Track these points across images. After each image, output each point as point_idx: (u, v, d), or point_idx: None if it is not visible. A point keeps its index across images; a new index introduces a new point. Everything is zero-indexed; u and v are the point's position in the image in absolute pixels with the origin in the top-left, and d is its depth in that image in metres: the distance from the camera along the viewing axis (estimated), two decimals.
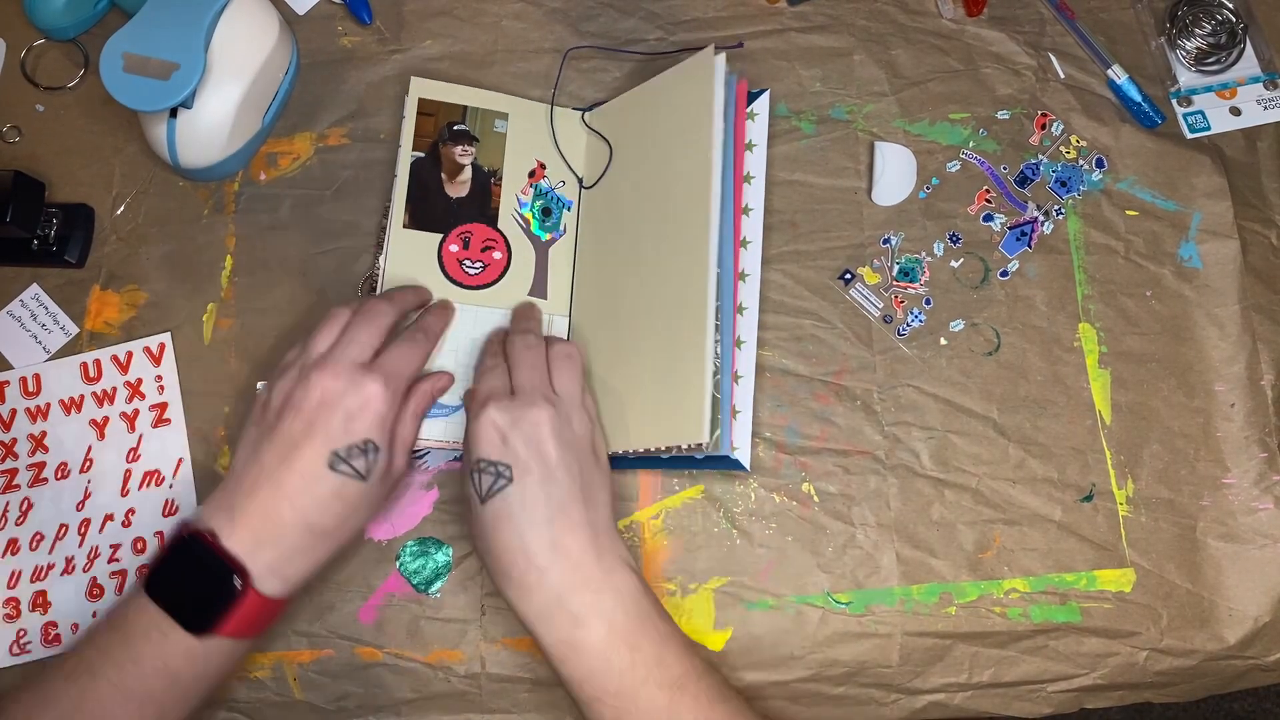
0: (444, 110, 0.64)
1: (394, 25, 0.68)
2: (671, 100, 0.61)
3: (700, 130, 0.57)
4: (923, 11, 0.69)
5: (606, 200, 0.64)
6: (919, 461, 0.62)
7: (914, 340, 0.64)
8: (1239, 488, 0.62)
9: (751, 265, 0.61)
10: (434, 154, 0.63)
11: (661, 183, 0.60)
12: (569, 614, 0.49)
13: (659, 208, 0.60)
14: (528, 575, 0.50)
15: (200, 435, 0.62)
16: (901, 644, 0.60)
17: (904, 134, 0.67)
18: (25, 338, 0.63)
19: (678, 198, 0.58)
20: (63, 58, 0.68)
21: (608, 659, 0.49)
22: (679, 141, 0.59)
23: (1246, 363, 0.64)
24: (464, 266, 0.62)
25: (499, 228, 0.63)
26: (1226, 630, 0.60)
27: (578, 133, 0.66)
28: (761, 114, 0.64)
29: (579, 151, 0.66)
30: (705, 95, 0.57)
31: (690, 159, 0.58)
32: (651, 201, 0.60)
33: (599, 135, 0.65)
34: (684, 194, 0.58)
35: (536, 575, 0.50)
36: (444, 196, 0.63)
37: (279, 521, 0.49)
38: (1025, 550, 0.61)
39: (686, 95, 0.59)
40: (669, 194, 0.59)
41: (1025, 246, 0.65)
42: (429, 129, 0.63)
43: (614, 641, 0.49)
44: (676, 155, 0.59)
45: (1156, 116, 0.67)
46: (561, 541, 0.50)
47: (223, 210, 0.65)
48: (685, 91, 0.59)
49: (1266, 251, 0.66)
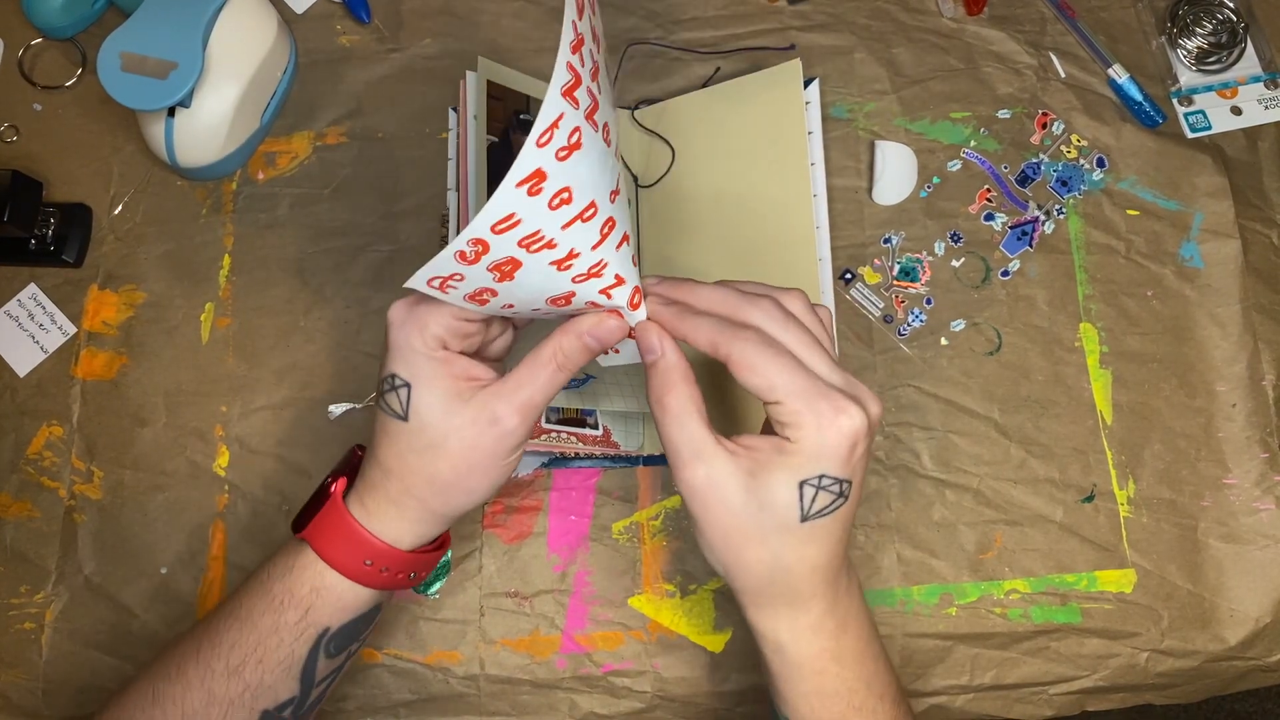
0: (510, 97, 0.61)
1: (393, 24, 0.68)
2: (753, 106, 0.62)
3: (792, 132, 0.60)
4: (923, 10, 0.69)
5: (668, 198, 0.64)
6: (920, 462, 0.62)
7: (915, 340, 0.64)
8: (1240, 488, 0.62)
9: (823, 250, 0.61)
10: (505, 141, 0.60)
11: (746, 183, 0.61)
12: (836, 620, 0.45)
13: (746, 206, 0.61)
14: (818, 589, 0.45)
15: (199, 435, 0.61)
16: (902, 645, 0.59)
17: (905, 133, 0.67)
18: (23, 337, 0.63)
19: (771, 196, 0.60)
20: (60, 57, 0.68)
21: (860, 669, 0.46)
22: (766, 143, 0.61)
23: (1248, 363, 0.63)
24: None
25: None
26: (1228, 631, 0.60)
27: (627, 130, 0.66)
28: (814, 101, 0.64)
29: (631, 149, 0.66)
30: (794, 99, 0.60)
31: (783, 159, 0.60)
32: (734, 201, 0.61)
33: (654, 134, 0.65)
34: (779, 193, 0.60)
35: (825, 587, 0.45)
36: None
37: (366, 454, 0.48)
38: (1026, 551, 0.61)
39: (773, 99, 0.61)
40: (758, 193, 0.60)
41: (1026, 246, 0.65)
42: (499, 114, 0.60)
43: (864, 650, 0.47)
44: (763, 156, 0.61)
45: (1157, 116, 0.67)
46: (845, 557, 0.46)
47: (221, 209, 0.65)
48: (772, 99, 0.61)
49: (1268, 251, 0.66)
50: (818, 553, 0.43)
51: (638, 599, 0.60)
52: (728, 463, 0.42)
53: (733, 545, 0.44)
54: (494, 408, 0.45)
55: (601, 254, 0.42)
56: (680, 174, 0.64)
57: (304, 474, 0.61)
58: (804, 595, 0.44)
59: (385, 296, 0.63)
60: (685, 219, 0.63)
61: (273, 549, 0.59)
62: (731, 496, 0.42)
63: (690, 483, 0.43)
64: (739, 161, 0.62)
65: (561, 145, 0.37)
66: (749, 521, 0.43)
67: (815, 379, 0.42)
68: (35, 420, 0.62)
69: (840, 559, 0.45)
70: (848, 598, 0.46)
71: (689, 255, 0.62)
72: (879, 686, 0.47)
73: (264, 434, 0.62)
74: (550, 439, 0.56)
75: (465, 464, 0.46)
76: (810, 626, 0.45)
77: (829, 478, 0.42)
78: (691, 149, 0.64)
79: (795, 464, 0.42)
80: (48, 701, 0.58)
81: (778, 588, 0.44)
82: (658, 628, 0.59)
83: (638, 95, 0.67)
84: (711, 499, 0.43)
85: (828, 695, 0.46)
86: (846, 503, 0.43)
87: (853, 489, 0.43)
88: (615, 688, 0.59)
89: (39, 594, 0.60)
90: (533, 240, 0.39)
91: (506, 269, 0.40)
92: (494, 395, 0.45)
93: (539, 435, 0.56)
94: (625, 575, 0.60)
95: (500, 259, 0.39)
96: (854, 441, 0.42)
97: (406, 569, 0.48)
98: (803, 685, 0.46)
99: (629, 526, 0.61)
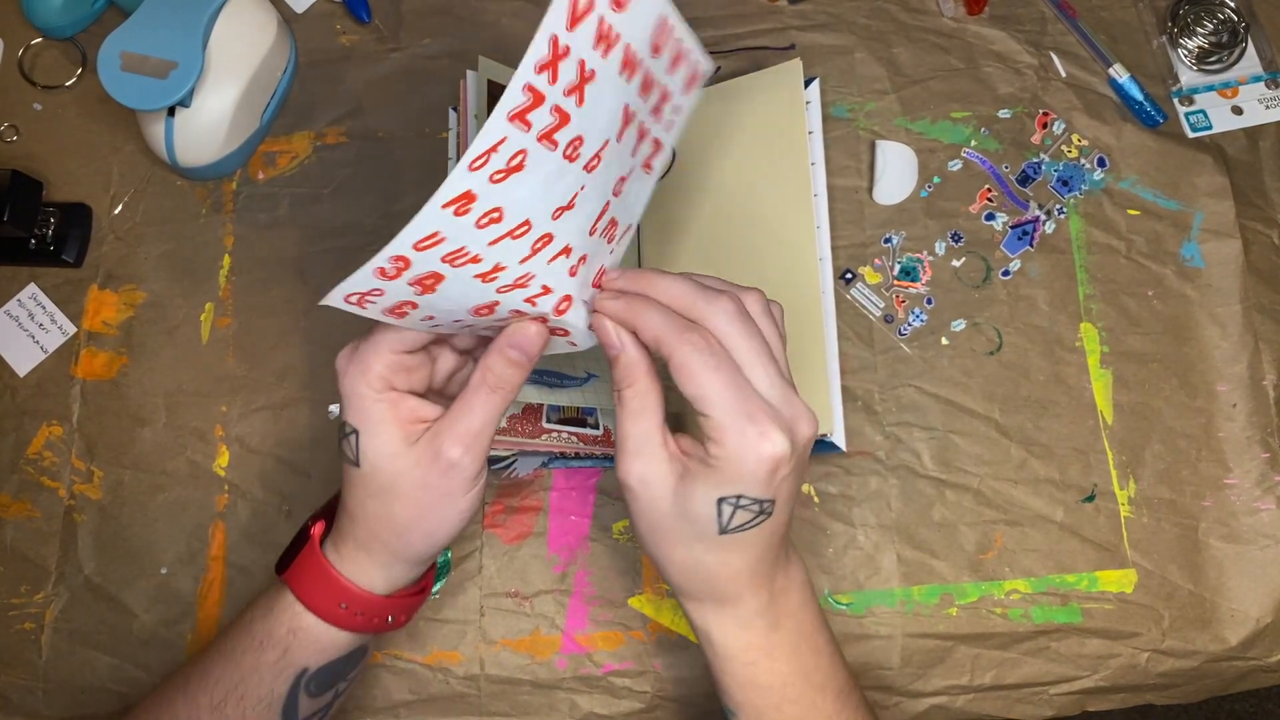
0: None
1: (392, 24, 0.68)
2: (754, 105, 0.62)
3: (793, 132, 0.60)
4: (924, 10, 0.69)
5: (668, 198, 0.64)
6: (920, 462, 0.62)
7: (915, 340, 0.64)
8: (1241, 488, 0.62)
9: (824, 250, 0.61)
10: None
11: (745, 183, 0.61)
12: (769, 618, 0.46)
13: (746, 206, 0.61)
14: (743, 591, 0.45)
15: (199, 435, 0.61)
16: (902, 645, 0.59)
17: (905, 132, 0.67)
18: (23, 337, 0.63)
19: (771, 196, 0.60)
20: (60, 57, 0.68)
21: (798, 662, 0.47)
22: (766, 142, 0.61)
23: (1248, 363, 0.63)
24: None
25: None
26: (1228, 631, 0.60)
27: None
28: (814, 101, 0.64)
29: None
30: (795, 99, 0.60)
31: (783, 159, 0.59)
32: (734, 201, 0.61)
33: None
34: (779, 192, 0.59)
35: (752, 590, 0.46)
36: None
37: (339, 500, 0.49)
38: (1026, 551, 0.61)
39: (773, 99, 0.61)
40: (758, 193, 0.60)
41: (1027, 246, 0.65)
42: None
43: (803, 645, 0.47)
44: (763, 156, 0.60)
45: (1158, 115, 0.67)
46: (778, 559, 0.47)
47: (221, 209, 0.65)
48: (772, 99, 0.61)
49: (1268, 251, 0.66)
50: (741, 560, 0.44)
51: (638, 599, 0.60)
52: (663, 465, 0.43)
53: (659, 543, 0.45)
54: (437, 444, 0.44)
55: (529, 267, 0.41)
56: (681, 173, 0.63)
57: (304, 474, 0.61)
58: (730, 596, 0.45)
59: None
60: (686, 218, 0.63)
61: (272, 549, 0.60)
62: (660, 498, 0.43)
63: (625, 478, 0.44)
64: (739, 160, 0.62)
65: (499, 169, 0.36)
66: (673, 524, 0.43)
67: (750, 396, 0.42)
68: (35, 420, 0.62)
69: (770, 563, 0.45)
70: (784, 597, 0.46)
71: (690, 254, 0.62)
72: (819, 679, 0.47)
73: (264, 434, 0.62)
74: (550, 439, 0.56)
75: (419, 505, 0.46)
76: (738, 622, 0.46)
77: (748, 498, 0.42)
78: (692, 148, 0.63)
79: (715, 480, 0.42)
80: (48, 701, 0.58)
81: (703, 587, 0.45)
82: (658, 628, 0.59)
83: None
84: (643, 496, 0.44)
85: (760, 687, 0.46)
86: (770, 519, 0.43)
87: (777, 506, 0.43)
88: (615, 688, 0.59)
89: (39, 594, 0.60)
90: (457, 256, 0.38)
91: (428, 282, 0.39)
92: (436, 433, 0.45)
93: (539, 435, 0.56)
94: (625, 575, 0.60)
95: (422, 274, 0.39)
96: (774, 467, 0.41)
97: (382, 613, 0.48)
98: (735, 675, 0.47)
99: (629, 526, 0.61)
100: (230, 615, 0.59)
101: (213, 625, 0.59)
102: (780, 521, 0.44)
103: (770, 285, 0.58)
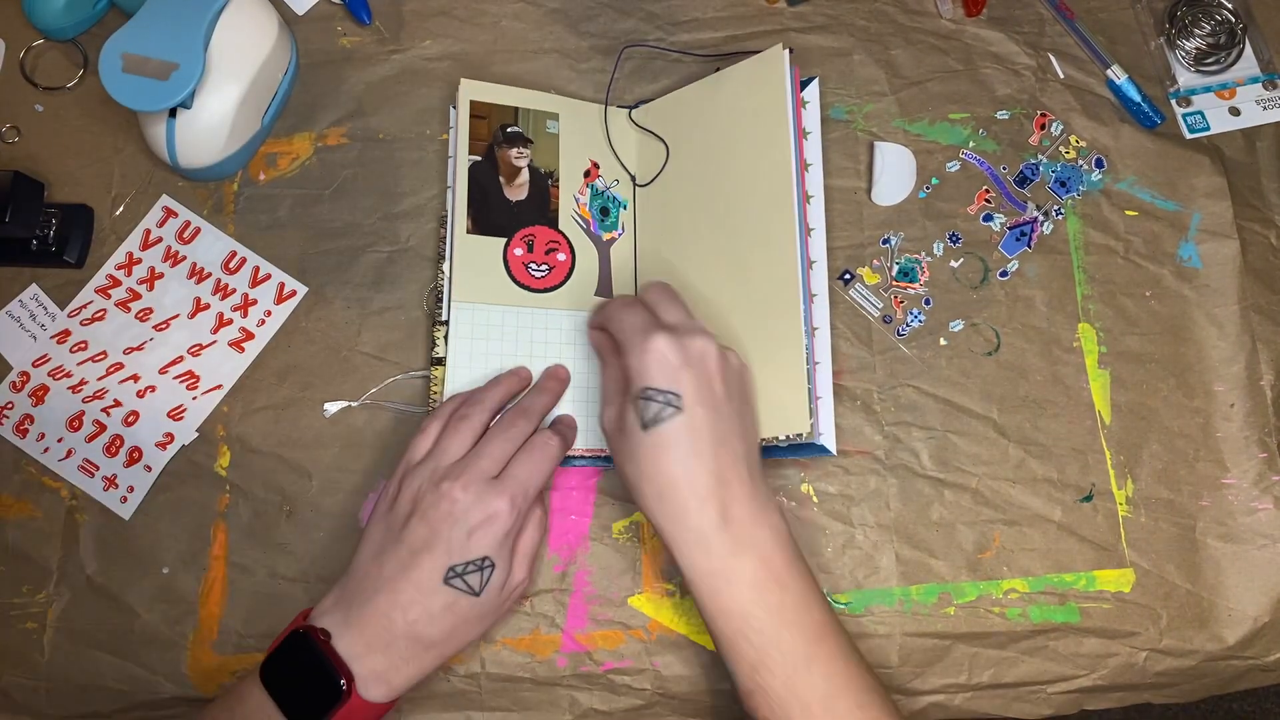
0: (496, 112, 0.63)
1: (393, 25, 0.68)
2: (738, 97, 0.61)
3: (776, 126, 0.59)
4: (922, 11, 0.69)
5: (663, 197, 0.64)
6: (918, 461, 0.62)
7: (913, 340, 0.64)
8: (1238, 488, 0.62)
9: (818, 252, 0.61)
10: (490, 157, 0.62)
11: (731, 178, 0.60)
12: (726, 542, 0.49)
13: (731, 203, 0.60)
14: (688, 502, 0.50)
15: (200, 434, 0.62)
16: (901, 644, 0.60)
17: (903, 134, 0.67)
18: (24, 338, 0.63)
19: (754, 193, 0.59)
20: (62, 58, 0.68)
21: (760, 593, 0.49)
22: (750, 137, 0.60)
23: (1246, 363, 0.64)
24: (530, 270, 0.61)
25: (560, 229, 0.63)
26: (1226, 630, 0.60)
27: (625, 131, 0.66)
28: (812, 101, 0.64)
29: (629, 149, 0.66)
30: (778, 92, 0.59)
31: (765, 154, 0.59)
32: (720, 197, 0.61)
33: (650, 133, 0.65)
34: (762, 189, 0.59)
35: (697, 503, 0.50)
36: (504, 200, 0.62)
37: (390, 630, 0.49)
38: (1024, 550, 0.61)
39: (757, 92, 0.60)
40: (742, 189, 0.60)
41: (1025, 246, 0.65)
42: (483, 132, 0.62)
43: (766, 577, 0.50)
44: (747, 151, 0.60)
45: (1156, 116, 0.67)
46: (723, 473, 0.50)
47: (222, 210, 0.65)
48: (755, 89, 0.60)
49: (1266, 252, 0.66)
50: (671, 461, 0.50)
51: (638, 598, 0.60)
52: (621, 407, 0.53)
53: (627, 472, 0.52)
54: None
55: None
56: (674, 171, 0.64)
57: (304, 474, 0.61)
58: (677, 506, 0.50)
59: (385, 297, 0.63)
60: (678, 217, 0.63)
61: (273, 549, 0.60)
62: (613, 427, 0.53)
63: (601, 425, 0.55)
64: (723, 154, 0.61)
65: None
66: (624, 445, 0.52)
67: (651, 322, 0.53)
68: None
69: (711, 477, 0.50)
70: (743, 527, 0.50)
71: (681, 254, 0.62)
72: (789, 615, 0.50)
73: (264, 434, 0.62)
74: None
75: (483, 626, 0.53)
76: (699, 545, 0.50)
77: (653, 389, 0.50)
78: (683, 145, 0.64)
79: (632, 388, 0.52)
80: (50, 701, 0.59)
81: (655, 503, 0.50)
82: (657, 626, 0.60)
83: (636, 96, 0.67)
84: (613, 434, 0.54)
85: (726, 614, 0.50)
86: (682, 414, 0.50)
87: (686, 401, 0.50)
88: (615, 685, 0.59)
89: (41, 594, 0.60)
90: None
91: None
92: None
93: None
94: (625, 575, 0.60)
95: None
96: (659, 358, 0.50)
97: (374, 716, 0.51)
98: (705, 607, 0.50)
99: (629, 526, 0.61)
100: (230, 615, 0.59)
101: (214, 625, 0.59)
102: (697, 422, 0.50)
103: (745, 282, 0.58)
